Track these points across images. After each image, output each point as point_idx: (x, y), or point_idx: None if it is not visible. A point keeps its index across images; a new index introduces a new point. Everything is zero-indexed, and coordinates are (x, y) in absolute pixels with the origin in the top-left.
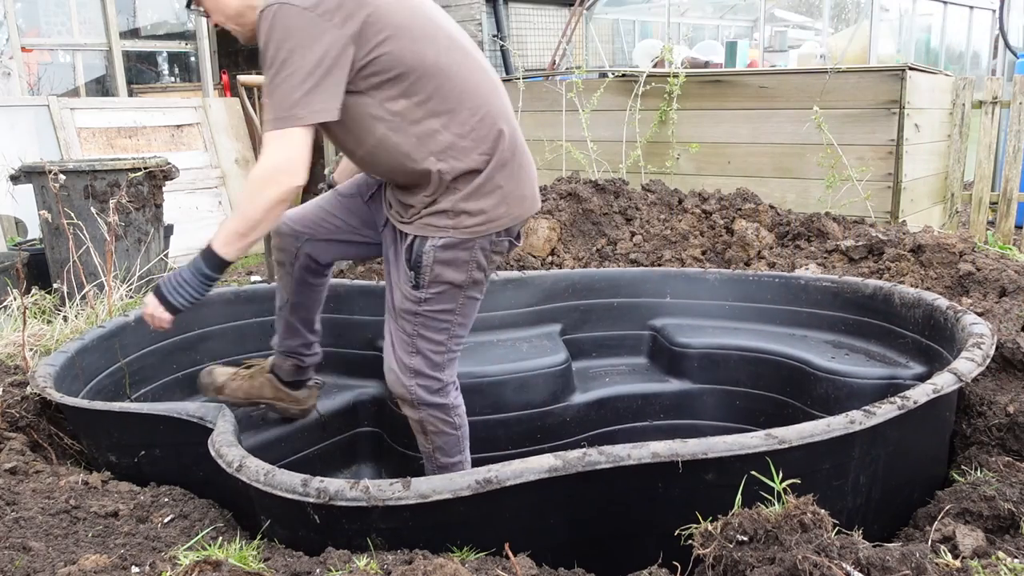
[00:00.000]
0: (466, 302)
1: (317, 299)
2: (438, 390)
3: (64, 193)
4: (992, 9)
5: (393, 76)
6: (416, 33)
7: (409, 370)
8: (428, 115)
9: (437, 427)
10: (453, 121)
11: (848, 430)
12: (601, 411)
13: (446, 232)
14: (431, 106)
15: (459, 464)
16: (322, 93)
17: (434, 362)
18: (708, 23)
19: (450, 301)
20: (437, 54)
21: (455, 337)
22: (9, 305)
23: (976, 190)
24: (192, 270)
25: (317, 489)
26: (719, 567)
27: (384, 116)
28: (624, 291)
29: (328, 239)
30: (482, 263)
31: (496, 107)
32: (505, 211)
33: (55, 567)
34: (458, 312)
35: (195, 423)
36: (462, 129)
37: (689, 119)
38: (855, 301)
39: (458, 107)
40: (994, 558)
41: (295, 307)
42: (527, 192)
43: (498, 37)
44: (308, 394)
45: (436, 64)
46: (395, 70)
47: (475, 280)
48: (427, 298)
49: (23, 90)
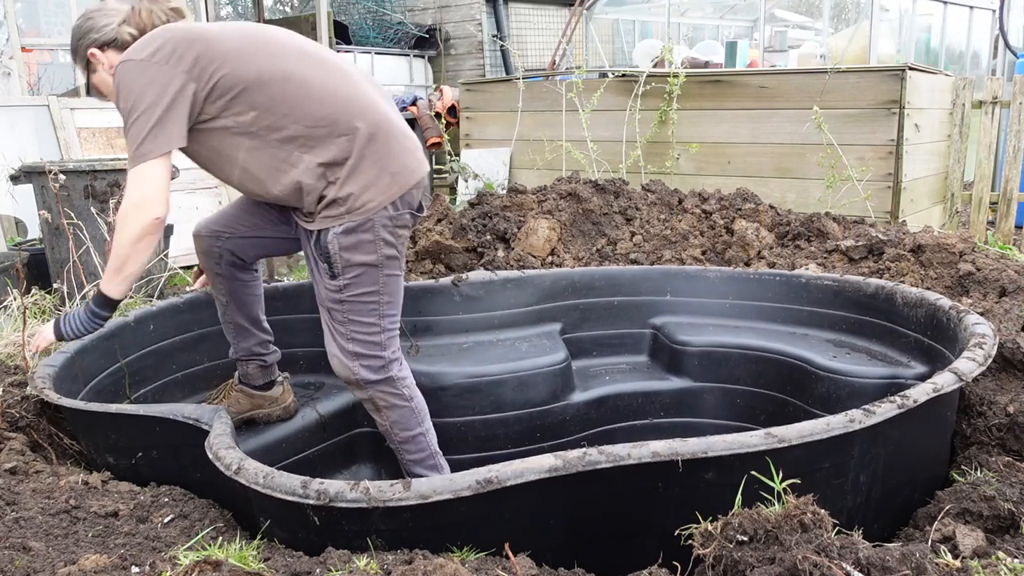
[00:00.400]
0: (387, 280)
1: (254, 295)
2: (381, 367)
3: (64, 193)
4: (992, 9)
5: (236, 93)
6: (249, 53)
7: (350, 354)
8: (280, 118)
9: (388, 402)
10: (305, 118)
11: (848, 429)
12: (601, 410)
13: (342, 219)
14: (281, 110)
15: (420, 436)
16: (164, 127)
17: (372, 342)
18: (708, 23)
19: (370, 283)
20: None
21: (387, 316)
22: (9, 305)
23: (976, 190)
24: (85, 307)
25: (317, 491)
26: (719, 567)
27: (241, 131)
28: (624, 289)
29: (248, 236)
30: (388, 239)
31: (352, 99)
32: (387, 185)
33: (55, 567)
34: (382, 292)
35: (191, 425)
36: (316, 122)
37: (689, 119)
38: (857, 300)
39: (307, 106)
40: (994, 558)
41: (237, 307)
42: (403, 165)
43: (498, 37)
44: (283, 391)
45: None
46: (236, 87)
47: (388, 256)
48: (346, 284)
49: (23, 90)
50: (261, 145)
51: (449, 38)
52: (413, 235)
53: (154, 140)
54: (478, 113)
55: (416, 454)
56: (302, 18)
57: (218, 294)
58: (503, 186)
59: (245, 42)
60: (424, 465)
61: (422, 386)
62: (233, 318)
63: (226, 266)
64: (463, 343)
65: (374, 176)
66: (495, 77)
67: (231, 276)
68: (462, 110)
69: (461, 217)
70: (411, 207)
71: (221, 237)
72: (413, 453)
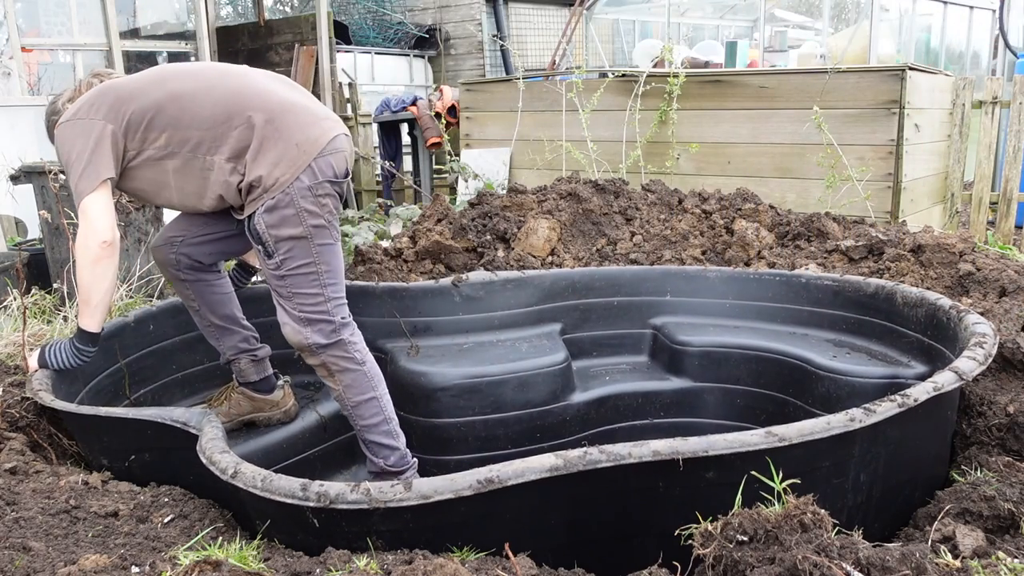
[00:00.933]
0: (320, 250)
1: (224, 293)
2: (331, 331)
3: (64, 193)
4: (992, 9)
5: (147, 123)
6: (148, 88)
7: (300, 321)
8: (184, 131)
9: (340, 365)
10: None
11: (848, 428)
12: (601, 410)
13: (262, 200)
14: (183, 123)
15: (374, 400)
16: (94, 164)
17: (319, 310)
18: (708, 23)
19: (303, 256)
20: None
21: (328, 285)
22: (9, 305)
23: (976, 190)
24: (69, 341)
25: (317, 493)
26: (719, 567)
27: (162, 155)
28: (624, 290)
29: (201, 238)
30: (311, 209)
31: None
32: (294, 157)
33: (55, 567)
34: (318, 262)
35: (180, 428)
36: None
37: (689, 119)
38: (857, 300)
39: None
40: (994, 558)
41: (210, 309)
42: (305, 136)
43: (498, 37)
44: (284, 394)
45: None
46: (145, 118)
47: (315, 226)
48: (282, 260)
49: (23, 90)
50: (181, 162)
51: (449, 38)
52: (413, 235)
53: (87, 178)
54: (478, 113)
55: (370, 419)
56: (302, 18)
57: (188, 301)
58: (503, 186)
59: (145, 81)
60: (379, 431)
61: (422, 386)
62: (210, 320)
63: (186, 270)
64: (463, 343)
65: (280, 153)
66: (495, 77)
67: (195, 279)
68: (462, 110)
69: (461, 217)
70: (328, 176)
71: (174, 243)
72: (367, 418)
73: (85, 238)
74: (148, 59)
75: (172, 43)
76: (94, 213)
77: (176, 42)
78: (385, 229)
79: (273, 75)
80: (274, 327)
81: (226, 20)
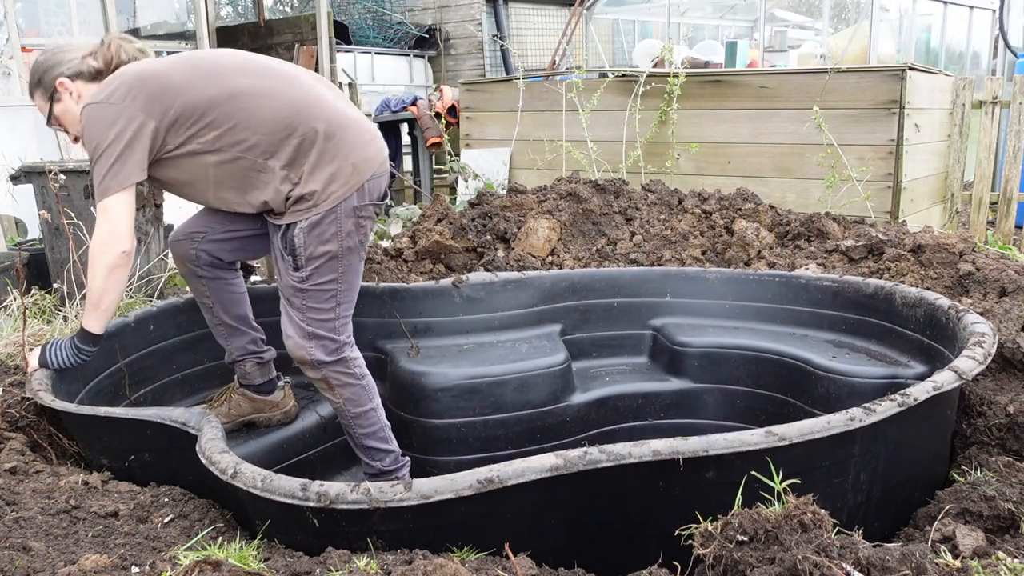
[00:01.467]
0: (346, 269)
1: (240, 293)
2: (335, 349)
3: (64, 193)
4: (992, 9)
5: (195, 120)
6: (199, 81)
7: (306, 335)
8: (239, 132)
9: (341, 380)
10: (262, 127)
11: (848, 427)
12: (601, 411)
13: (308, 212)
14: (239, 125)
15: (371, 411)
16: (125, 163)
17: (328, 327)
18: (708, 23)
19: (330, 272)
20: (224, 86)
21: (342, 304)
22: (9, 305)
23: (976, 190)
24: (70, 340)
25: (317, 493)
26: (719, 567)
27: (206, 150)
28: (624, 291)
29: (224, 236)
30: (350, 230)
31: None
32: (349, 175)
33: (55, 567)
34: (340, 280)
35: (179, 429)
36: (272, 129)
37: (689, 119)
38: (856, 300)
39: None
40: (994, 558)
41: (223, 308)
42: (363, 156)
43: (498, 37)
44: (284, 395)
45: (227, 91)
46: (194, 115)
47: (349, 247)
48: (308, 275)
49: (23, 90)
50: (227, 159)
51: (449, 38)
52: (413, 235)
53: (115, 177)
54: (478, 113)
55: (367, 428)
56: (302, 18)
57: (202, 298)
58: (503, 186)
59: (192, 72)
60: (375, 437)
61: (422, 386)
62: (221, 319)
63: (205, 267)
64: (464, 344)
65: (336, 169)
66: (495, 77)
67: (213, 276)
68: (462, 110)
69: (461, 217)
70: (374, 198)
71: (196, 238)
72: (365, 427)
73: (104, 244)
74: None
75: (172, 43)
76: (117, 217)
77: (176, 42)
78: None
79: (317, 76)
80: (276, 328)
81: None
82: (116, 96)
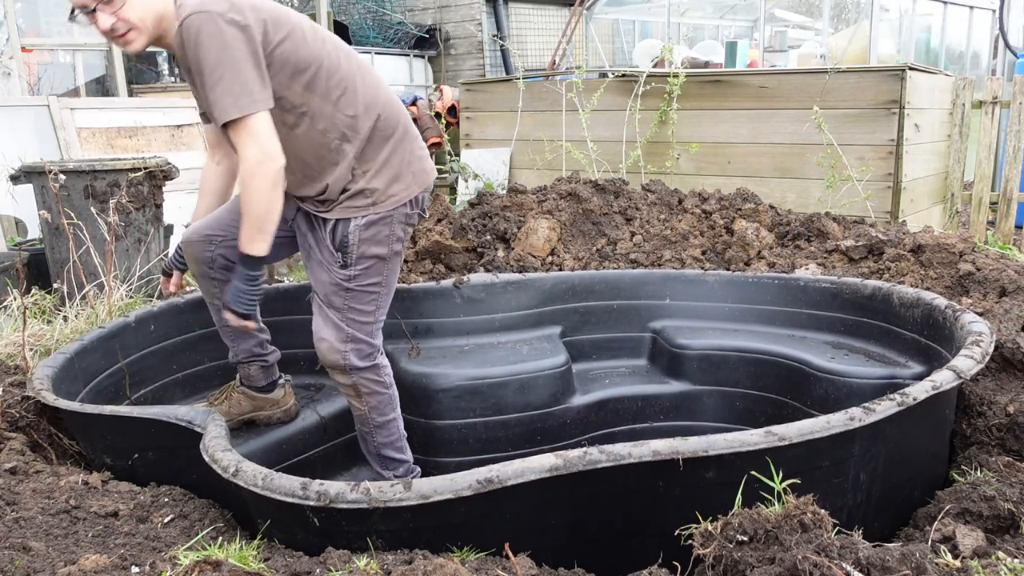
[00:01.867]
0: (389, 274)
1: None
2: (369, 354)
3: (64, 193)
4: (992, 9)
5: (291, 70)
6: (306, 35)
7: (343, 339)
8: (327, 105)
9: (370, 388)
10: (351, 109)
11: (848, 427)
12: (601, 413)
13: (366, 211)
14: (331, 98)
15: (394, 421)
16: (260, 81)
17: (366, 330)
18: (708, 23)
19: (376, 274)
20: (322, 51)
21: (381, 308)
22: (9, 305)
23: (976, 190)
24: (237, 277)
25: (317, 492)
26: (719, 567)
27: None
28: (624, 293)
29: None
30: (400, 235)
31: (391, 100)
32: (410, 182)
33: (55, 567)
34: (383, 284)
35: (184, 427)
36: (360, 116)
37: (689, 119)
38: (854, 301)
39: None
40: (994, 558)
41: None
42: (422, 167)
43: (498, 37)
44: (284, 393)
45: (331, 63)
46: (291, 64)
47: (395, 252)
48: (356, 275)
49: (23, 90)
50: (304, 127)
51: (449, 38)
52: (413, 235)
53: (252, 95)
54: (478, 113)
55: (388, 437)
56: None
57: (211, 299)
58: (503, 186)
59: (303, 23)
60: (394, 447)
61: (423, 387)
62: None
63: (219, 270)
64: (464, 345)
65: (400, 173)
66: (495, 77)
67: (225, 279)
68: (462, 110)
69: (461, 217)
70: (420, 207)
71: (214, 241)
72: (385, 437)
73: (259, 164)
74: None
75: None
76: (265, 138)
77: None
78: None
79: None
80: (277, 328)
81: None
82: (235, 12)
